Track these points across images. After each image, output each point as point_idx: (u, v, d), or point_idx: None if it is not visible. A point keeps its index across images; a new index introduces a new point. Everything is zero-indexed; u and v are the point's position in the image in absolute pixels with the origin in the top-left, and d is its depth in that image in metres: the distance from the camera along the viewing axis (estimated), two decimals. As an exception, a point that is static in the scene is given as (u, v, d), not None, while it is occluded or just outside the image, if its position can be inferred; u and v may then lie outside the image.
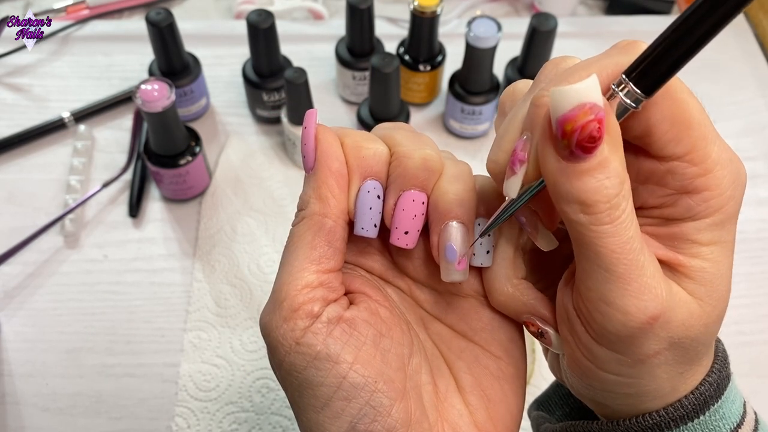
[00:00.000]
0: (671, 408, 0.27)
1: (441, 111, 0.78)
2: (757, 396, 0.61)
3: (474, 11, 0.90)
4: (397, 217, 0.27)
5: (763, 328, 0.65)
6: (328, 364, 0.25)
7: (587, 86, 0.21)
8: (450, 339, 0.30)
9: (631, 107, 0.23)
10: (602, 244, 0.23)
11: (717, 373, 0.28)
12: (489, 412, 0.29)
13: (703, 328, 0.25)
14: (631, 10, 0.89)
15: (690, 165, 0.24)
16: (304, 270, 0.26)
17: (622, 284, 0.23)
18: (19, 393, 0.59)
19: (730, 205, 0.25)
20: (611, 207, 0.22)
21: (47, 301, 0.64)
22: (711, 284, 0.25)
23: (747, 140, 0.77)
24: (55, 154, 0.74)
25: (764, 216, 0.71)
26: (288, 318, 0.26)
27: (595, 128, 0.21)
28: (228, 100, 0.79)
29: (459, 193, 0.27)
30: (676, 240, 0.25)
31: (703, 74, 0.83)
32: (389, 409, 0.26)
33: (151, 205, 0.70)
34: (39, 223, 0.67)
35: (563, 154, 0.22)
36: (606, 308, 0.23)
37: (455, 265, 0.27)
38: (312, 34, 0.84)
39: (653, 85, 0.22)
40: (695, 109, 0.24)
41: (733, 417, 0.28)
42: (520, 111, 0.25)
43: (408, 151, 0.27)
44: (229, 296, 0.65)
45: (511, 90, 0.28)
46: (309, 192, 0.28)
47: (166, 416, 0.59)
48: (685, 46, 0.22)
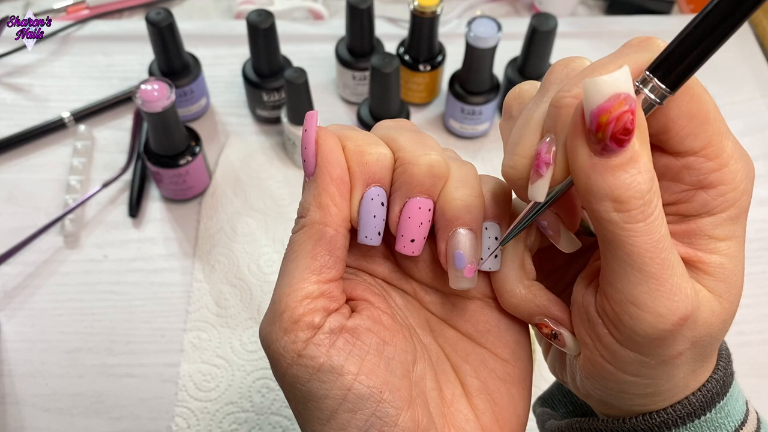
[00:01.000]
0: (678, 405, 0.27)
1: (441, 111, 0.78)
2: (757, 396, 0.61)
3: (474, 11, 0.90)
4: (402, 225, 0.27)
5: (763, 328, 0.65)
6: (332, 376, 0.25)
7: (621, 76, 0.21)
8: (456, 342, 0.30)
9: (656, 103, 0.23)
10: (635, 243, 0.22)
11: (722, 370, 0.28)
12: (496, 415, 0.29)
13: (721, 325, 0.25)
14: (631, 10, 0.89)
15: (706, 160, 0.24)
16: (305, 280, 0.26)
17: (655, 285, 0.23)
18: (19, 393, 0.59)
19: (744, 199, 0.25)
20: (644, 203, 0.22)
21: (47, 301, 0.64)
22: (729, 280, 0.25)
23: (747, 140, 0.77)
24: (55, 154, 0.74)
25: (764, 216, 0.71)
26: (289, 330, 0.25)
27: (629, 120, 0.21)
28: (228, 100, 0.79)
29: (466, 198, 0.27)
30: (692, 236, 0.25)
31: (703, 74, 0.82)
32: (396, 419, 0.25)
33: (151, 205, 0.70)
34: (39, 223, 0.67)
35: (595, 149, 0.22)
36: (636, 311, 0.23)
37: (464, 272, 0.27)
38: (312, 34, 0.84)
39: (678, 80, 0.22)
40: (711, 104, 0.24)
41: (738, 415, 0.28)
42: (535, 113, 0.25)
43: (413, 156, 0.27)
44: (229, 296, 0.65)
45: (516, 92, 0.28)
46: (309, 199, 0.27)
47: (166, 416, 0.59)
48: (709, 40, 0.22)
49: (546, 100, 0.25)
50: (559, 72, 0.25)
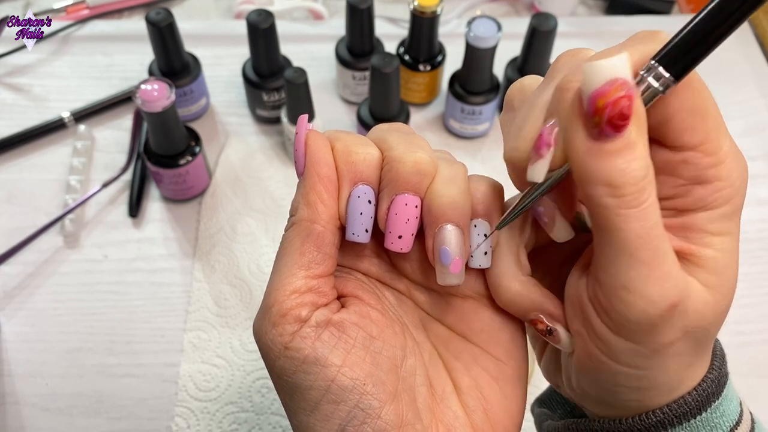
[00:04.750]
0: (675, 405, 0.27)
1: (441, 111, 0.78)
2: (757, 396, 0.61)
3: (474, 11, 0.90)
4: (390, 222, 0.27)
5: (763, 328, 0.65)
6: (316, 367, 0.26)
7: (620, 61, 0.22)
8: (449, 340, 0.30)
9: (659, 91, 0.23)
10: (628, 228, 0.23)
11: (717, 370, 0.28)
12: (487, 414, 0.29)
13: (713, 318, 0.25)
14: (631, 10, 0.89)
15: (704, 155, 0.24)
16: (293, 276, 0.27)
17: (647, 270, 0.23)
18: (19, 393, 0.59)
19: (739, 196, 0.25)
20: (638, 190, 0.22)
21: (47, 301, 0.64)
22: (722, 274, 0.25)
23: (747, 140, 0.77)
24: (54, 154, 0.74)
25: (764, 216, 0.71)
26: (276, 323, 0.26)
27: (626, 105, 0.21)
28: (228, 100, 0.79)
29: (452, 195, 0.27)
30: (687, 230, 0.25)
31: (704, 74, 0.82)
32: (379, 411, 0.26)
33: (151, 205, 0.70)
34: (39, 223, 0.67)
35: (592, 134, 0.22)
36: (628, 295, 0.23)
37: (450, 267, 0.27)
38: (312, 34, 0.84)
39: (683, 69, 0.23)
40: (711, 100, 0.24)
41: (732, 415, 0.28)
42: (540, 99, 0.25)
43: (399, 155, 0.27)
44: (229, 296, 0.65)
45: (519, 85, 0.28)
46: (298, 198, 0.28)
47: (165, 416, 0.59)
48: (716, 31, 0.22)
49: (551, 86, 0.25)
50: (567, 61, 0.26)
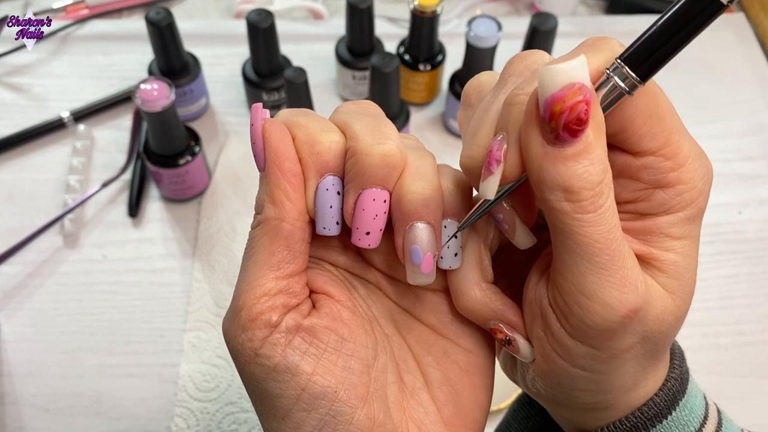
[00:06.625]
0: (645, 408, 0.27)
1: (441, 111, 0.78)
2: (757, 396, 0.61)
3: (474, 11, 0.90)
4: (357, 218, 0.26)
5: (763, 328, 0.65)
6: (286, 375, 0.25)
7: (577, 65, 0.21)
8: (419, 333, 0.29)
9: (625, 92, 0.22)
10: (585, 233, 0.22)
11: (678, 368, 0.28)
12: (457, 406, 0.28)
13: (674, 322, 0.25)
14: (631, 9, 0.89)
15: (664, 159, 0.24)
16: (262, 277, 0.26)
17: (605, 275, 0.23)
18: (19, 393, 0.59)
19: (701, 199, 0.25)
20: (595, 194, 0.22)
21: (47, 301, 0.64)
22: (682, 278, 0.25)
23: (747, 140, 0.77)
24: (54, 154, 0.74)
25: (765, 216, 0.71)
26: (246, 328, 0.25)
27: (583, 110, 0.21)
28: (228, 99, 0.79)
29: (423, 191, 0.25)
30: (648, 234, 0.25)
31: (704, 74, 0.83)
32: (351, 418, 0.25)
33: (151, 205, 0.70)
34: (38, 223, 0.67)
35: (548, 139, 0.22)
36: (586, 301, 0.23)
37: (421, 267, 0.26)
38: (312, 34, 0.84)
39: (649, 70, 0.22)
40: (666, 103, 0.24)
41: (699, 410, 0.28)
42: (492, 106, 0.25)
43: (365, 146, 0.25)
44: (229, 296, 0.64)
45: (475, 82, 0.28)
46: (263, 195, 0.26)
47: (165, 416, 0.59)
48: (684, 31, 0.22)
49: (504, 92, 0.25)
50: (518, 65, 0.25)
